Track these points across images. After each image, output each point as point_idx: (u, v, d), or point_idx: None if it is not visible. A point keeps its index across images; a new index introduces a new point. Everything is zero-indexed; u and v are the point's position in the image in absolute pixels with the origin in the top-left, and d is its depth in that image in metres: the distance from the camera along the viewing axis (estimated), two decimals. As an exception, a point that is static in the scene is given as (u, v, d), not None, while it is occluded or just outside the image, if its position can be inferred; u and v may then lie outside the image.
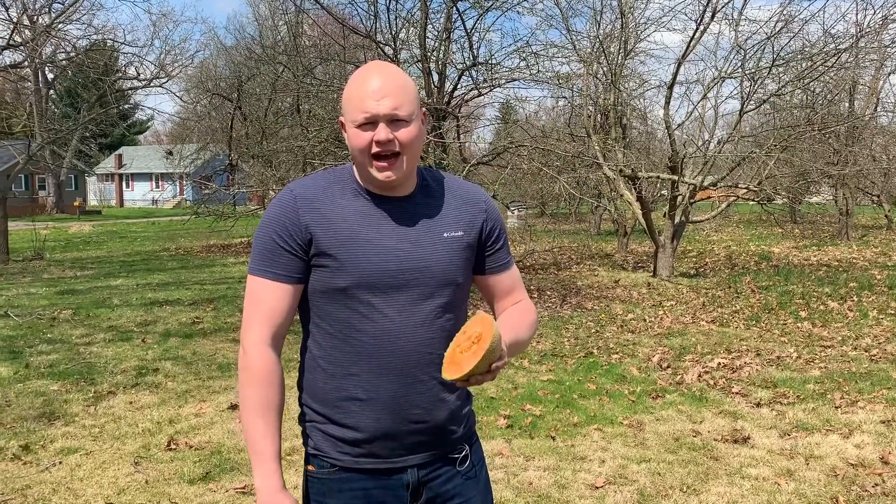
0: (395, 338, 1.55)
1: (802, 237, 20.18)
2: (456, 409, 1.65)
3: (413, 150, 1.54)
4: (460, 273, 1.62)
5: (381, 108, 1.50)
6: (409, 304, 1.56)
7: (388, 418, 1.57)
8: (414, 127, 1.53)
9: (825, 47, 11.34)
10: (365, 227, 1.56)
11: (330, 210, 1.57)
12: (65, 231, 25.77)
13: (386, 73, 1.54)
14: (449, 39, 10.88)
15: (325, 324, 1.60)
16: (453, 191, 1.68)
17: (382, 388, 1.56)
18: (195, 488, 3.80)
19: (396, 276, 1.55)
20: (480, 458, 1.76)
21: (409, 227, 1.59)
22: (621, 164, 11.87)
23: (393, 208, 1.59)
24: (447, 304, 1.60)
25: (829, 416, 4.92)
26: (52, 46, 20.40)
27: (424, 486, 1.63)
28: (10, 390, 5.61)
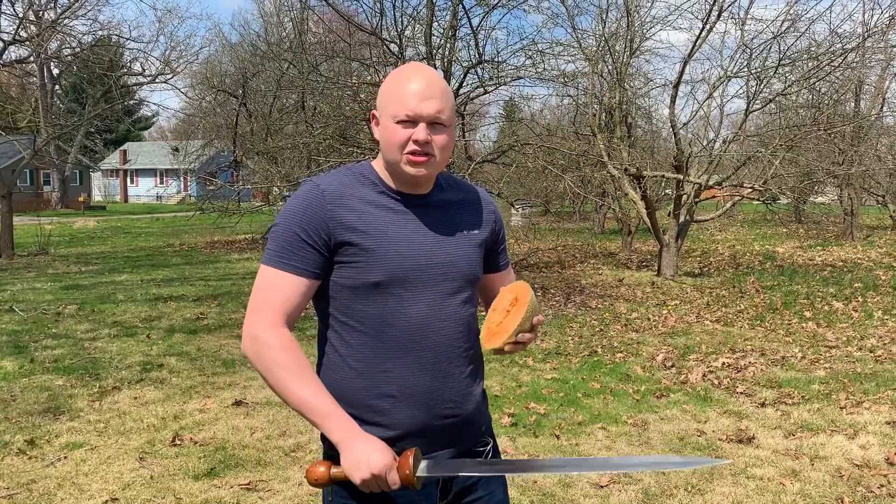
0: (427, 332, 1.57)
1: (807, 237, 20.13)
2: (480, 402, 1.69)
3: (445, 154, 1.59)
4: (479, 269, 1.69)
5: (426, 108, 1.53)
6: (439, 299, 1.59)
7: (422, 414, 1.58)
8: (450, 132, 1.58)
9: (832, 47, 11.31)
10: (394, 222, 1.58)
11: (359, 205, 1.58)
12: (69, 226, 25.83)
13: (432, 76, 1.57)
14: (454, 37, 10.87)
15: (355, 321, 1.59)
16: (465, 191, 1.74)
17: (416, 383, 1.57)
18: (200, 484, 3.81)
19: (427, 270, 1.58)
20: (497, 451, 1.80)
21: (434, 223, 1.62)
22: (626, 162, 11.85)
23: (416, 205, 1.63)
24: (470, 298, 1.65)
25: (834, 417, 4.91)
26: (57, 42, 20.42)
27: (453, 481, 1.66)
28: (16, 385, 5.63)
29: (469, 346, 1.63)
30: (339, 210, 1.56)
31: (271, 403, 5.18)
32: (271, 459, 4.15)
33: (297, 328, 1.73)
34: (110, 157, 53.76)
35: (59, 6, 19.32)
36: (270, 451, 4.27)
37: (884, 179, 20.40)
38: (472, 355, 1.66)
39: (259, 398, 5.30)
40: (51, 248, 16.69)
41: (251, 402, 5.21)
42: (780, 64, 11.29)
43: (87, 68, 23.67)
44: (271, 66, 18.09)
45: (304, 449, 4.31)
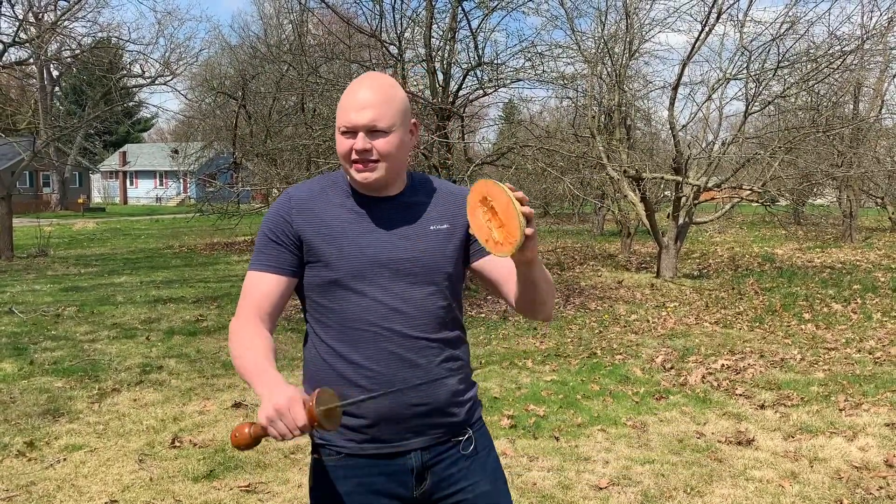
0: (390, 324, 1.64)
1: (806, 239, 20.15)
2: (457, 391, 1.72)
3: (392, 158, 1.65)
4: (449, 263, 1.72)
5: (360, 119, 1.62)
6: (402, 292, 1.66)
7: (388, 404, 1.63)
8: (393, 137, 1.64)
9: (830, 49, 11.32)
10: (353, 223, 1.68)
11: (321, 209, 1.69)
12: (69, 228, 25.82)
13: (373, 86, 1.65)
14: (454, 39, 10.87)
15: (325, 318, 1.69)
16: (439, 190, 1.79)
17: (382, 373, 1.63)
18: (199, 486, 3.81)
19: (386, 265, 1.65)
20: (488, 444, 1.81)
21: (397, 221, 1.70)
22: (625, 164, 11.86)
23: (381, 206, 1.71)
24: (438, 292, 1.70)
25: (834, 419, 4.91)
26: (57, 44, 20.43)
27: (429, 471, 1.69)
28: (15, 387, 5.63)
29: (438, 337, 1.68)
30: (303, 214, 1.69)
31: (271, 405, 5.18)
32: (270, 461, 4.15)
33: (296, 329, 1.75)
34: (110, 159, 53.75)
35: (59, 8, 19.33)
36: (270, 454, 4.27)
37: (883, 181, 20.40)
38: (441, 346, 1.69)
39: (258, 400, 5.29)
40: (50, 250, 16.69)
41: (251, 403, 5.21)
42: (779, 66, 11.30)
43: (86, 70, 23.69)
44: (271, 67, 18.10)
45: (303, 451, 4.31)
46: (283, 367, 6.29)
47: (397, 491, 1.67)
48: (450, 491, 1.71)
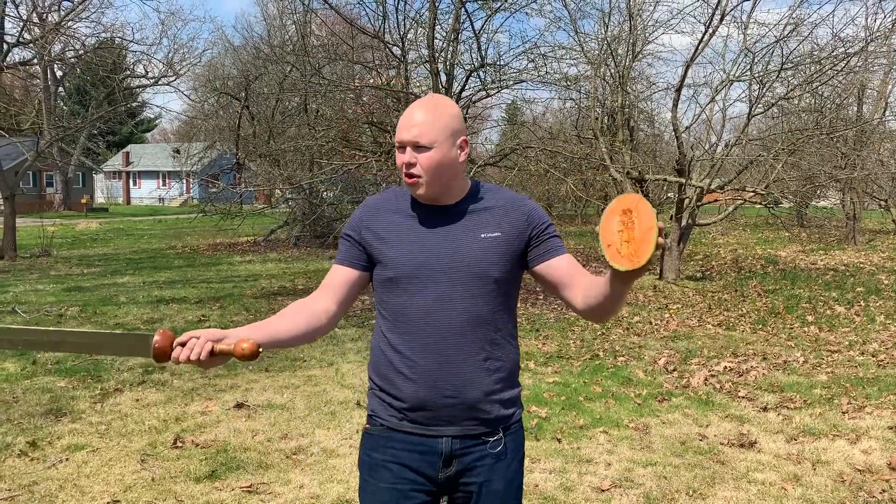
0: (431, 321, 1.82)
1: (809, 241, 20.12)
2: (491, 391, 1.84)
3: (433, 172, 1.82)
4: (496, 268, 1.84)
5: (405, 135, 1.82)
6: (446, 293, 1.82)
7: (424, 391, 1.81)
8: (434, 153, 1.81)
9: (834, 51, 11.30)
10: (412, 228, 1.88)
11: (385, 216, 1.91)
12: (72, 228, 25.87)
13: (423, 106, 1.84)
14: (457, 40, 10.88)
15: (384, 310, 1.90)
16: (498, 199, 1.92)
17: (420, 364, 1.81)
18: (201, 486, 3.81)
19: (434, 268, 1.83)
20: (518, 448, 1.93)
21: (450, 228, 1.86)
22: (628, 166, 11.86)
23: (438, 214, 1.88)
24: (482, 296, 1.83)
25: (837, 422, 4.90)
26: (61, 44, 20.46)
27: (456, 458, 1.85)
28: (18, 386, 5.64)
29: (477, 337, 1.82)
30: (371, 219, 1.92)
31: (273, 406, 5.18)
32: (273, 462, 4.15)
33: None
34: (113, 160, 53.85)
35: (63, 9, 19.36)
36: (272, 454, 4.27)
37: (886, 183, 20.38)
38: (480, 347, 1.82)
39: (260, 401, 5.30)
40: (53, 250, 16.71)
41: (253, 404, 5.21)
42: (783, 68, 11.28)
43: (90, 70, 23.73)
44: (274, 68, 18.11)
45: (305, 452, 4.31)
46: (286, 366, 6.29)
47: (424, 469, 1.84)
48: (468, 480, 1.86)
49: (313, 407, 5.17)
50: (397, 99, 10.75)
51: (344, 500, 3.66)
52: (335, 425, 4.78)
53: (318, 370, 6.22)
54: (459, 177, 1.89)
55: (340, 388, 5.67)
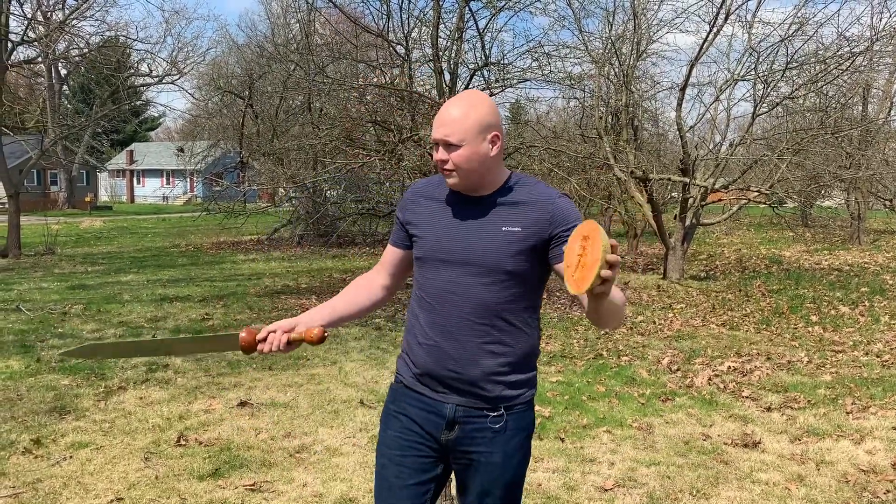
0: (444, 300, 1.98)
1: (814, 241, 20.07)
2: (494, 372, 1.97)
3: (463, 167, 1.94)
4: (510, 262, 1.94)
5: (436, 134, 1.95)
6: (461, 278, 1.96)
7: (430, 361, 1.99)
8: (464, 150, 1.93)
9: (839, 50, 11.28)
10: (442, 215, 2.03)
11: (425, 201, 2.08)
12: (76, 226, 25.92)
13: (452, 105, 1.96)
14: (461, 39, 10.86)
15: (416, 284, 2.08)
16: (528, 194, 2.00)
17: (431, 338, 1.99)
18: (205, 484, 3.81)
19: (453, 253, 1.98)
20: (522, 428, 2.03)
21: (475, 219, 1.99)
22: (632, 165, 11.83)
23: (468, 204, 2.01)
24: (494, 284, 1.95)
25: (841, 422, 4.89)
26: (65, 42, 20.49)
27: (458, 424, 1.99)
28: (22, 384, 5.65)
29: (484, 322, 1.95)
30: (412, 204, 2.11)
31: (276, 404, 5.19)
32: (276, 460, 4.15)
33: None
34: (117, 158, 53.92)
35: (68, 7, 19.39)
36: (275, 452, 4.27)
37: (891, 183, 20.33)
38: (486, 331, 1.95)
39: (264, 399, 5.31)
40: (57, 248, 16.74)
41: (256, 402, 5.22)
42: (788, 67, 11.26)
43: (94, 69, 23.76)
44: (278, 67, 18.12)
45: (308, 450, 4.32)
46: (290, 365, 6.30)
47: (429, 427, 2.01)
48: (467, 449, 2.00)
49: (316, 405, 5.18)
50: (401, 98, 10.74)
51: (347, 498, 3.66)
52: (338, 424, 4.78)
53: (322, 369, 6.22)
54: (493, 170, 1.99)
55: (344, 386, 5.67)
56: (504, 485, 2.02)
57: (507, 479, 2.02)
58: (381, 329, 7.86)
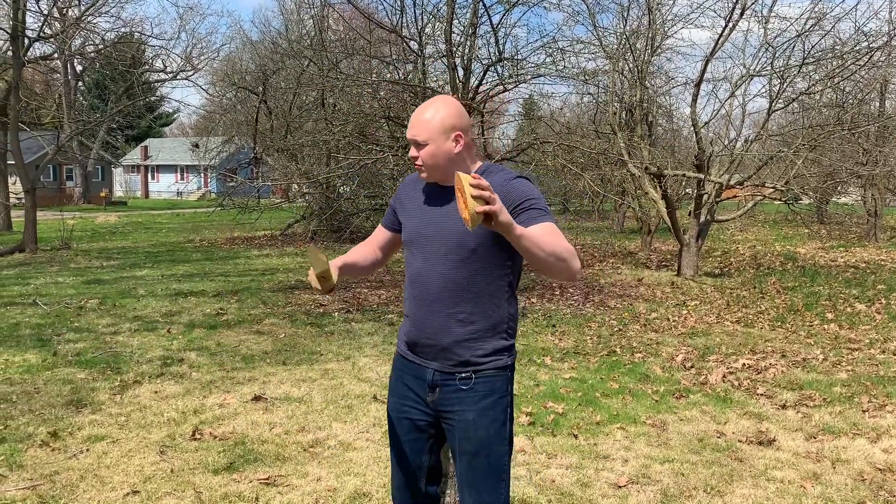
0: (422, 277, 2.25)
1: (829, 238, 19.91)
2: (463, 340, 2.21)
3: (430, 163, 2.21)
4: (472, 240, 2.17)
5: (408, 134, 2.24)
6: (433, 256, 2.23)
7: (415, 332, 2.29)
8: (431, 147, 2.19)
9: (857, 45, 11.16)
10: (421, 204, 2.32)
11: (411, 190, 2.38)
12: (91, 221, 26.11)
13: (421, 109, 2.23)
14: (475, 35, 10.85)
15: (406, 264, 2.36)
16: (490, 179, 2.16)
17: (413, 310, 2.30)
18: (220, 478, 3.83)
19: (426, 236, 2.25)
20: (493, 389, 2.24)
21: (444, 206, 2.25)
22: (646, 161, 11.78)
23: (442, 193, 2.28)
24: (461, 262, 2.19)
25: (857, 420, 4.85)
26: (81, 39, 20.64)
27: (438, 387, 2.27)
28: (39, 377, 5.70)
29: (454, 296, 2.19)
30: (402, 192, 2.41)
31: (290, 399, 5.21)
32: (290, 455, 4.17)
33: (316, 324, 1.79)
34: (132, 153, 54.24)
35: (83, 3, 19.52)
36: (289, 447, 4.29)
37: (908, 180, 20.10)
38: (454, 303, 2.20)
39: (278, 393, 5.33)
40: (73, 243, 16.88)
41: (270, 397, 5.24)
42: (804, 63, 11.16)
43: (109, 65, 23.90)
44: (292, 63, 18.18)
45: (322, 445, 4.33)
46: (304, 360, 6.32)
47: (417, 391, 2.31)
48: (446, 409, 2.26)
49: (330, 400, 5.20)
50: (414, 94, 10.74)
51: (361, 492, 3.67)
52: (352, 419, 4.80)
53: (335, 364, 6.24)
54: (459, 164, 2.22)
55: (357, 381, 5.69)
56: (478, 442, 2.23)
57: (479, 436, 2.22)
58: (393, 325, 7.87)
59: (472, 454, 2.24)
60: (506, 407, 2.27)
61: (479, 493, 2.25)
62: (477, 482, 2.25)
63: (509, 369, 2.28)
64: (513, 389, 2.31)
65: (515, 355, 2.32)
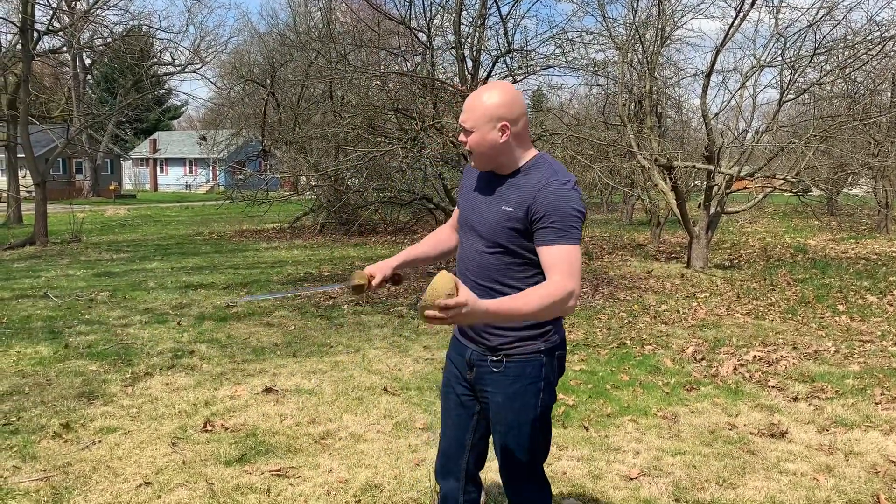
0: (464, 259, 2.36)
1: (840, 230, 19.80)
2: (494, 326, 2.26)
3: (477, 150, 2.23)
4: (503, 236, 2.22)
5: (460, 119, 2.25)
6: (473, 241, 2.32)
7: None
8: (476, 135, 2.20)
9: (869, 35, 11.05)
10: (474, 189, 2.37)
11: (470, 175, 2.43)
12: (101, 214, 26.21)
13: (473, 94, 2.23)
14: (483, 26, 10.80)
15: None
16: (532, 178, 2.21)
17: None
18: (231, 470, 3.84)
19: (471, 220, 2.33)
20: (523, 376, 2.28)
21: (490, 195, 2.29)
22: (656, 153, 11.72)
23: (493, 182, 2.31)
24: (495, 253, 2.25)
25: (869, 413, 4.83)
26: (89, 32, 20.66)
27: (474, 366, 2.36)
28: (51, 369, 5.73)
29: (484, 283, 2.25)
30: (465, 176, 2.46)
31: (301, 391, 5.22)
32: (301, 446, 4.18)
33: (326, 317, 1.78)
34: (140, 146, 54.39)
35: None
36: (300, 439, 4.30)
37: (920, 171, 19.95)
38: (487, 289, 2.23)
39: (289, 385, 5.34)
40: (83, 236, 16.95)
41: (281, 389, 5.25)
42: (816, 53, 11.07)
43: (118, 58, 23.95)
44: (299, 55, 18.14)
45: (333, 436, 4.34)
46: (314, 352, 6.33)
47: (461, 367, 2.42)
48: (481, 388, 2.36)
49: (341, 392, 5.20)
50: (423, 85, 10.71)
51: (372, 484, 3.67)
52: (363, 410, 4.80)
53: (345, 356, 6.25)
54: (506, 154, 2.22)
55: (367, 373, 5.70)
56: (507, 424, 2.31)
57: (508, 419, 2.30)
58: (403, 317, 7.87)
59: (504, 434, 2.34)
60: (537, 392, 2.29)
61: (512, 468, 2.37)
62: (509, 462, 2.37)
63: (543, 354, 2.29)
64: (551, 375, 2.32)
65: (556, 342, 2.32)
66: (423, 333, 7.03)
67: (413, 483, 3.69)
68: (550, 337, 2.30)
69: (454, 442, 2.46)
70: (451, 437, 2.47)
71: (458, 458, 2.46)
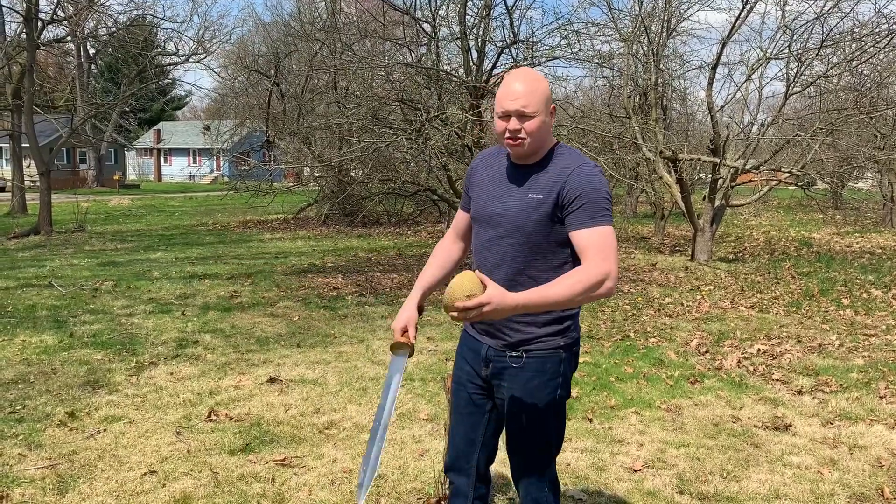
0: (483, 253, 2.29)
1: (844, 223, 19.74)
2: (516, 321, 2.23)
3: (535, 136, 2.14)
4: (530, 225, 2.18)
5: (513, 105, 2.11)
6: (495, 234, 2.25)
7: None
8: (537, 120, 2.13)
9: (877, 28, 10.99)
10: (490, 181, 2.32)
11: (484, 167, 2.37)
12: (105, 204, 26.24)
13: (524, 80, 2.13)
14: (489, 16, 10.76)
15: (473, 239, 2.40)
16: (559, 164, 2.20)
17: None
18: (235, 459, 3.86)
19: (491, 215, 2.26)
20: (542, 371, 2.25)
21: (515, 185, 2.24)
22: (661, 145, 11.68)
23: (515, 172, 2.26)
24: (518, 245, 2.21)
25: (874, 406, 4.82)
26: (93, 21, 20.63)
27: (491, 362, 2.32)
28: (56, 358, 5.75)
29: (506, 277, 2.18)
30: (473, 172, 2.41)
31: (305, 381, 5.23)
32: (305, 436, 4.18)
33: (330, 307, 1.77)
34: (144, 137, 54.39)
35: (96, -14, 19.47)
36: (304, 428, 4.30)
37: (926, 165, 19.86)
38: (509, 284, 2.14)
39: (293, 375, 5.35)
40: (87, 226, 16.97)
41: (285, 379, 5.26)
42: (823, 45, 11.00)
43: (122, 48, 23.91)
44: (304, 46, 18.11)
45: (337, 426, 4.35)
46: (318, 342, 6.34)
47: (474, 363, 2.38)
48: (498, 383, 2.31)
49: (345, 382, 5.21)
50: (428, 76, 10.67)
51: (376, 474, 3.68)
52: (366, 401, 4.81)
53: (349, 346, 6.25)
54: (546, 139, 2.20)
55: (371, 364, 5.70)
56: (525, 419, 2.28)
57: (526, 414, 2.27)
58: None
59: (518, 429, 2.31)
60: (555, 388, 2.27)
61: (525, 464, 2.35)
62: (522, 457, 2.35)
63: (563, 350, 2.27)
64: (568, 371, 2.30)
65: (575, 337, 2.31)
66: (426, 325, 7.03)
67: (417, 473, 3.70)
68: (570, 333, 2.28)
69: (465, 439, 2.44)
70: (462, 435, 2.44)
71: (469, 455, 2.43)
